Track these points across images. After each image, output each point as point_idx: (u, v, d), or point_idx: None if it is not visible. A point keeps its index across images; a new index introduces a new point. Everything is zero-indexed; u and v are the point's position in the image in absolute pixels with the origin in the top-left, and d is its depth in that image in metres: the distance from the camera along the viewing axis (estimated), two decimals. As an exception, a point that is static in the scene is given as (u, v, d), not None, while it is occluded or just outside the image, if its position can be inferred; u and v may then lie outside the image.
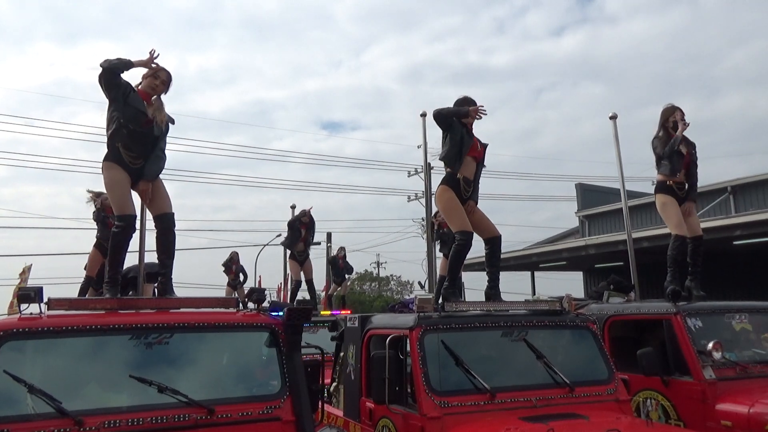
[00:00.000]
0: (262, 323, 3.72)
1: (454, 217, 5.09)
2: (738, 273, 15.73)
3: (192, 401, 3.24)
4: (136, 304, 3.88)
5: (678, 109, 6.17)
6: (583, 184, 25.30)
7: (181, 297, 4.17)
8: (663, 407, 4.94)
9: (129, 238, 4.40)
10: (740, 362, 4.94)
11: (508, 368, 4.24)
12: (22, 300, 3.33)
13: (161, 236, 4.45)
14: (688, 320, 5.05)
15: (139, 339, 3.38)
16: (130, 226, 4.33)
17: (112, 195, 4.38)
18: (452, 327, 4.16)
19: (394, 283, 49.08)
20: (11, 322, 3.27)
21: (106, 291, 4.23)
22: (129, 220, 4.32)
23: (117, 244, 4.35)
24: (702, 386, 4.70)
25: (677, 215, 6.06)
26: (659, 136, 6.20)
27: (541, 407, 3.94)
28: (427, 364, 3.92)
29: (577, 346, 4.57)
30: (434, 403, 3.79)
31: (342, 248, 14.10)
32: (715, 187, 18.70)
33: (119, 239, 4.33)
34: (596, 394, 4.19)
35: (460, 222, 5.05)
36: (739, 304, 5.50)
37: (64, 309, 3.53)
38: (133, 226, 4.36)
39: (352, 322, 5.15)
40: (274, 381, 3.57)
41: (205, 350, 3.60)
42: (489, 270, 5.24)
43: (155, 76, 4.47)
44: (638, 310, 5.59)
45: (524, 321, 4.39)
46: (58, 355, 3.29)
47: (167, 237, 4.46)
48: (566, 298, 4.74)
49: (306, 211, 11.72)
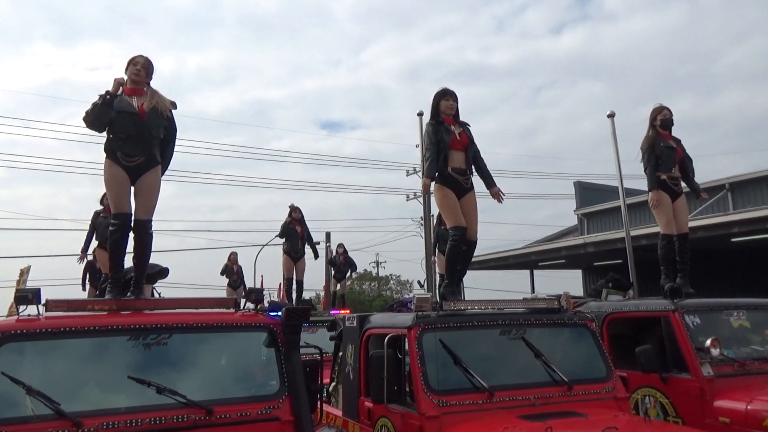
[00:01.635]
0: (260, 323, 3.72)
1: (446, 213, 5.19)
2: (736, 270, 15.75)
3: (191, 402, 3.25)
4: (134, 305, 3.88)
5: (665, 108, 6.32)
6: (581, 182, 25.29)
7: (179, 297, 4.17)
8: (661, 404, 4.95)
9: (126, 236, 4.38)
10: (738, 359, 4.95)
11: (507, 367, 4.24)
12: (19, 302, 3.34)
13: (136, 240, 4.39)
14: (687, 317, 5.06)
15: (138, 340, 3.39)
16: (125, 224, 4.32)
17: (109, 193, 4.39)
18: (450, 326, 4.17)
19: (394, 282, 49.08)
20: (9, 323, 3.28)
21: (108, 292, 4.23)
22: (124, 218, 4.31)
23: (114, 242, 4.34)
24: (700, 383, 4.71)
25: (668, 214, 6.13)
26: (649, 135, 6.31)
27: (539, 406, 3.95)
28: (425, 363, 3.93)
29: (576, 344, 4.57)
30: (433, 402, 3.79)
31: (341, 245, 14.08)
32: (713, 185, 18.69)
33: (115, 238, 4.32)
34: (594, 392, 4.19)
35: (453, 218, 5.12)
36: (737, 301, 5.51)
37: (62, 310, 3.53)
38: (128, 224, 4.34)
39: (350, 321, 5.15)
40: (272, 381, 3.57)
41: (203, 351, 3.60)
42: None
43: (133, 64, 4.45)
44: (636, 307, 5.61)
45: (522, 319, 4.40)
46: (56, 357, 3.28)
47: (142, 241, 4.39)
48: (564, 297, 4.75)
49: (294, 206, 11.48)
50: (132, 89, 4.41)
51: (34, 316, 3.40)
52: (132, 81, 4.42)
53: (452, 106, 5.33)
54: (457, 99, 5.38)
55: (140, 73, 4.42)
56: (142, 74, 4.44)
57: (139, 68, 4.42)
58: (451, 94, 5.37)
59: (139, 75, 4.42)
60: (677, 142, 6.34)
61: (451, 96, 5.36)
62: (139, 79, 4.43)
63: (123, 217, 4.30)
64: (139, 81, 4.44)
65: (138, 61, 4.45)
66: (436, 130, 5.21)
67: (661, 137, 6.22)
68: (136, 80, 4.42)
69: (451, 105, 5.32)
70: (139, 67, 4.43)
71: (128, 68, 4.45)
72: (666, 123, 6.26)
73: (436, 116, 5.33)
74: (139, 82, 4.44)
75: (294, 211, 11.44)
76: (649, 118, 6.36)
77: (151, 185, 4.40)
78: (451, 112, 5.33)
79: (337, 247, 14.17)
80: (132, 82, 4.43)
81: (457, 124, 5.33)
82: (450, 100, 5.33)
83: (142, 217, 4.37)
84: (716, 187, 18.77)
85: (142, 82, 4.46)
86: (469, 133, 5.37)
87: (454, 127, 5.29)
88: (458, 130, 5.29)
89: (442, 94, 5.36)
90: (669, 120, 6.28)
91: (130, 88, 4.42)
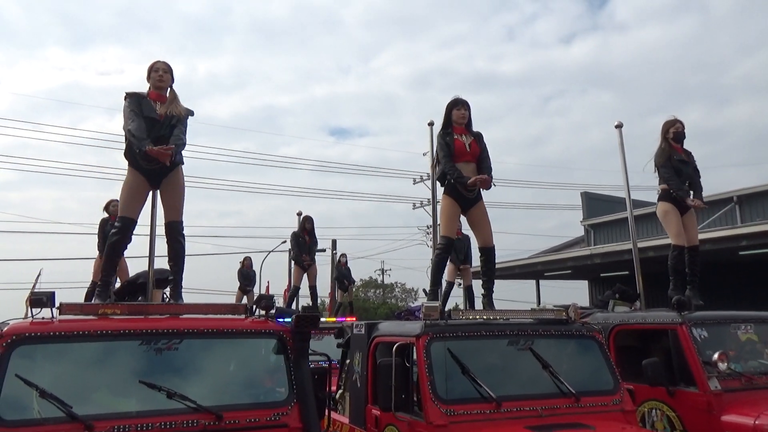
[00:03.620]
0: (270, 330, 3.75)
1: (442, 221, 5.41)
2: (744, 283, 15.67)
3: (200, 407, 3.27)
4: (146, 310, 3.92)
5: (678, 122, 6.33)
6: (588, 193, 25.27)
7: (191, 303, 4.20)
8: (668, 418, 4.93)
9: (124, 240, 4.44)
10: (746, 373, 4.94)
11: (514, 377, 4.25)
12: (34, 304, 3.37)
13: (168, 243, 4.51)
14: (694, 330, 5.05)
15: (149, 344, 3.42)
16: (126, 228, 4.38)
17: (121, 196, 4.47)
18: (459, 335, 4.18)
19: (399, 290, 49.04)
20: (23, 326, 3.31)
21: (97, 296, 4.27)
22: (127, 222, 4.37)
23: (112, 244, 4.40)
24: (707, 397, 4.70)
25: (677, 225, 6.15)
26: (662, 148, 6.32)
27: (546, 417, 3.95)
28: (433, 372, 3.94)
29: (583, 356, 4.57)
30: (440, 411, 3.80)
31: (343, 255, 14.14)
32: (721, 197, 18.64)
33: (114, 240, 4.38)
34: (602, 404, 4.19)
35: (445, 228, 5.36)
36: (744, 315, 5.50)
37: (76, 314, 3.57)
38: (130, 229, 4.40)
39: (358, 329, 5.17)
40: (281, 388, 3.59)
41: (213, 356, 3.62)
42: (483, 280, 5.41)
43: (155, 70, 4.56)
44: (643, 319, 5.60)
45: (530, 330, 4.41)
46: (68, 360, 3.31)
47: (172, 245, 4.52)
48: (572, 308, 4.75)
49: (306, 216, 11.42)
50: (157, 94, 4.53)
51: (48, 319, 3.43)
52: (156, 87, 4.54)
53: (464, 115, 5.37)
54: (469, 108, 5.42)
55: (164, 77, 4.56)
56: (166, 78, 4.57)
57: (161, 74, 4.55)
58: (464, 104, 5.41)
59: (162, 80, 4.56)
60: (688, 155, 6.36)
61: (463, 105, 5.40)
62: (164, 84, 4.57)
63: (126, 221, 4.37)
64: (163, 86, 4.56)
65: (159, 67, 4.57)
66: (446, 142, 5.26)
67: (674, 150, 6.24)
68: (160, 86, 4.55)
69: (462, 114, 5.36)
70: (161, 72, 4.55)
71: (150, 75, 4.57)
72: (678, 136, 6.29)
73: (448, 126, 5.37)
74: (162, 87, 4.56)
75: (306, 221, 11.43)
76: (662, 130, 6.37)
77: (174, 185, 4.52)
78: (463, 121, 5.37)
79: (340, 257, 14.24)
80: (156, 87, 4.54)
81: (469, 134, 5.37)
82: (462, 110, 5.37)
83: (173, 219, 4.49)
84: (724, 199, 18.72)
85: (166, 86, 4.58)
86: (480, 142, 5.39)
87: (465, 137, 5.32)
88: (469, 140, 5.32)
89: (454, 103, 5.41)
90: (681, 133, 6.30)
91: (155, 92, 4.53)
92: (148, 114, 4.39)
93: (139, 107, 4.39)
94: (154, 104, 4.47)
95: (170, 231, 4.50)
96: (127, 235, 4.44)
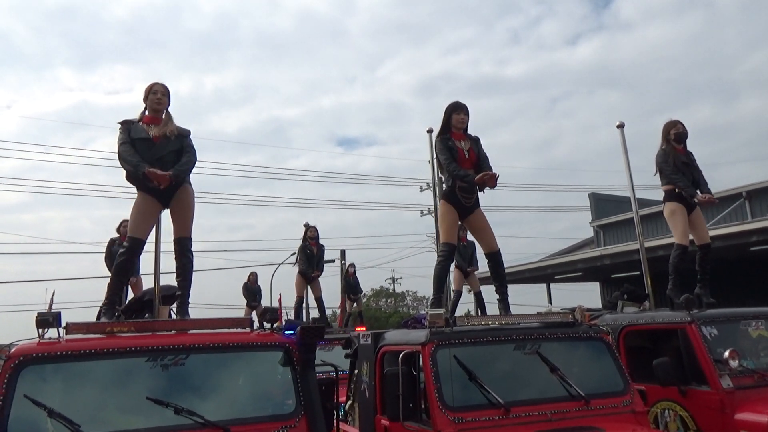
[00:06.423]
0: (276, 342, 3.76)
1: (442, 228, 5.39)
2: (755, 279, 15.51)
3: (208, 422, 3.29)
4: (152, 327, 3.94)
5: (679, 123, 6.36)
6: (596, 194, 25.17)
7: (196, 318, 4.23)
8: (681, 418, 4.89)
9: (132, 260, 4.49)
10: (758, 370, 4.88)
11: (522, 382, 4.22)
12: (40, 325, 3.41)
13: (176, 260, 4.55)
14: (703, 328, 5.01)
15: (156, 361, 3.44)
16: (135, 249, 4.42)
17: (131, 217, 4.51)
18: (464, 342, 4.17)
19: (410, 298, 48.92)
20: (30, 347, 3.34)
21: (103, 315, 4.30)
22: (135, 243, 4.41)
23: (119, 264, 4.45)
24: (720, 396, 4.65)
25: (684, 224, 6.16)
26: (664, 149, 6.34)
27: (556, 421, 3.92)
28: (440, 380, 3.93)
29: (592, 358, 4.54)
30: (448, 419, 3.78)
31: (351, 264, 14.14)
32: (731, 193, 18.51)
33: (122, 260, 4.43)
34: (612, 406, 4.16)
35: (445, 235, 5.31)
36: (754, 311, 5.44)
37: (83, 333, 3.60)
38: (137, 249, 4.45)
39: (365, 339, 5.17)
40: (288, 400, 3.60)
41: (220, 370, 3.64)
42: (496, 285, 5.37)
43: (153, 92, 4.62)
44: (652, 319, 5.56)
45: (537, 334, 4.39)
46: (76, 379, 3.34)
47: (181, 261, 4.56)
48: (579, 310, 4.73)
49: (311, 227, 11.43)
50: (151, 117, 4.60)
51: (55, 338, 3.47)
52: (153, 109, 4.60)
53: (463, 120, 5.36)
54: (468, 113, 5.41)
55: (162, 100, 4.63)
56: (164, 101, 4.63)
57: (159, 96, 4.62)
58: (463, 108, 5.40)
59: (160, 103, 4.62)
60: (689, 155, 6.40)
61: (463, 110, 5.39)
62: (161, 107, 4.63)
63: (135, 242, 4.41)
64: (161, 108, 4.63)
65: (157, 90, 4.63)
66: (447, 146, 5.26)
67: (676, 152, 6.27)
68: (157, 108, 4.61)
69: (462, 119, 5.36)
70: (159, 95, 4.62)
71: (147, 97, 4.62)
72: (680, 137, 6.31)
73: (446, 130, 5.36)
74: (159, 110, 4.62)
75: (309, 230, 11.44)
76: (662, 132, 6.41)
77: (183, 202, 4.57)
78: (461, 126, 5.36)
79: (348, 267, 14.23)
80: (152, 110, 4.60)
81: (467, 139, 5.37)
82: (461, 114, 5.36)
83: (182, 235, 4.53)
84: (734, 195, 18.58)
85: (163, 109, 4.65)
86: (477, 148, 5.38)
87: (463, 143, 5.32)
88: (467, 146, 5.32)
89: (453, 107, 5.39)
90: (682, 134, 6.32)
91: (150, 116, 4.59)
92: (138, 136, 4.44)
93: (128, 134, 4.46)
94: (147, 127, 4.53)
95: (179, 247, 4.54)
96: (134, 255, 4.48)
